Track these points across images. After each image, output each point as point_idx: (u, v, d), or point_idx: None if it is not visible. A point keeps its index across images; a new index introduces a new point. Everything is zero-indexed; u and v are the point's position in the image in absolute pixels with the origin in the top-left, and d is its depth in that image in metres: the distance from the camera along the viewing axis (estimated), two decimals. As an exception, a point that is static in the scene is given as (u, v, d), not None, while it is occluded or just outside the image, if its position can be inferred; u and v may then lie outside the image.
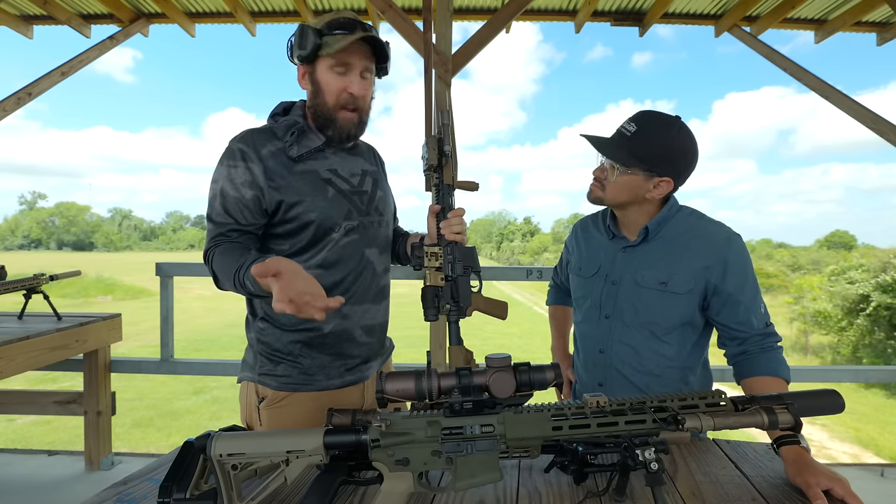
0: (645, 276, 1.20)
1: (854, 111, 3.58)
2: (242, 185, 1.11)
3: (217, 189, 1.13)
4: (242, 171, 1.11)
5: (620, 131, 1.18)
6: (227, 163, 1.13)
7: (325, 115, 1.17)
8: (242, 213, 1.11)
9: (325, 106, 1.16)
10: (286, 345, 1.18)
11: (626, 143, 1.16)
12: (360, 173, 1.25)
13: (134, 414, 6.86)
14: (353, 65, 1.15)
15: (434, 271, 1.05)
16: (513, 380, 0.75)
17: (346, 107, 1.16)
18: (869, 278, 14.68)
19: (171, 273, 2.92)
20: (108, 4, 3.63)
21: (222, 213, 1.12)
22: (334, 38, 1.11)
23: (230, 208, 1.11)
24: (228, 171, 1.12)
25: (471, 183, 1.14)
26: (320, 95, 1.16)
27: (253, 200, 1.11)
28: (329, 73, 1.15)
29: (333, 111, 1.16)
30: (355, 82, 1.16)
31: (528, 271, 2.84)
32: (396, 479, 0.76)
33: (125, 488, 0.92)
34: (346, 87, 1.15)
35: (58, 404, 2.81)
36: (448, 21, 2.78)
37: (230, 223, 1.11)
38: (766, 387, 1.08)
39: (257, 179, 1.11)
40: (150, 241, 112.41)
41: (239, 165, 1.12)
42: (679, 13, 3.79)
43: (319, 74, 1.16)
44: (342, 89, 1.15)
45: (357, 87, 1.16)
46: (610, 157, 1.18)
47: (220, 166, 1.13)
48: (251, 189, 1.11)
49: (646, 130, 1.14)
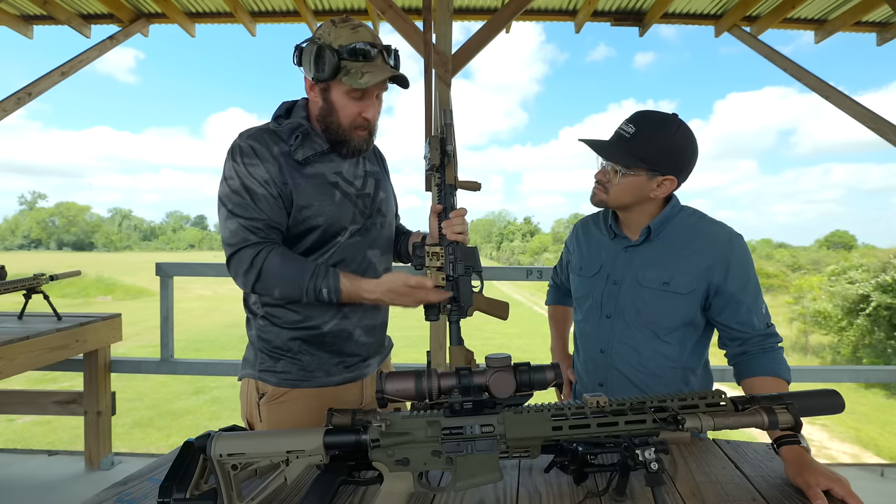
0: (647, 276, 1.20)
1: (854, 111, 3.58)
2: (265, 182, 1.10)
3: (238, 185, 1.10)
4: (262, 170, 1.10)
5: (619, 133, 1.17)
6: (243, 160, 1.10)
7: (338, 135, 1.16)
8: (272, 209, 1.11)
9: (339, 126, 1.15)
10: (286, 342, 1.18)
11: (626, 144, 1.15)
12: (363, 175, 1.25)
13: (134, 414, 6.86)
14: (370, 92, 1.13)
15: (435, 271, 1.05)
16: (513, 380, 0.75)
17: (360, 128, 1.16)
18: (869, 278, 14.67)
19: (171, 273, 2.92)
20: (108, 4, 3.63)
21: (255, 209, 1.09)
22: (356, 65, 1.08)
23: (260, 203, 1.10)
24: (247, 168, 1.10)
25: (473, 183, 1.13)
26: (334, 115, 1.14)
27: (277, 197, 1.11)
28: (345, 97, 1.12)
29: (348, 132, 1.15)
30: (371, 107, 1.15)
31: (528, 271, 2.84)
32: (396, 479, 0.76)
33: (125, 488, 0.92)
34: (361, 111, 1.14)
35: (58, 404, 2.81)
36: (448, 21, 2.78)
37: (263, 218, 1.10)
38: (767, 387, 1.08)
39: (275, 178, 1.11)
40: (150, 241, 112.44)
41: (256, 163, 1.10)
42: (679, 13, 3.79)
43: (335, 96, 1.13)
44: (358, 114, 1.14)
45: (373, 113, 1.16)
46: (610, 159, 1.17)
47: (235, 163, 1.11)
48: (273, 186, 1.10)
49: (644, 130, 1.14)
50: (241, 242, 1.09)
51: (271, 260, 1.08)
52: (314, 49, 1.07)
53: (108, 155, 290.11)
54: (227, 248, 1.12)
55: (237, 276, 1.11)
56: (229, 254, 1.11)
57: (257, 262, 1.08)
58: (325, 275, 1.09)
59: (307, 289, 1.08)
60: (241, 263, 1.09)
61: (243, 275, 1.10)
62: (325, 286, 1.08)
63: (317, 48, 1.07)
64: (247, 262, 1.08)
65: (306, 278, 1.08)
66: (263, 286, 1.10)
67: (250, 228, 1.09)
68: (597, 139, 1.21)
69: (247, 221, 1.09)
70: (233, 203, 1.10)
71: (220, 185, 1.14)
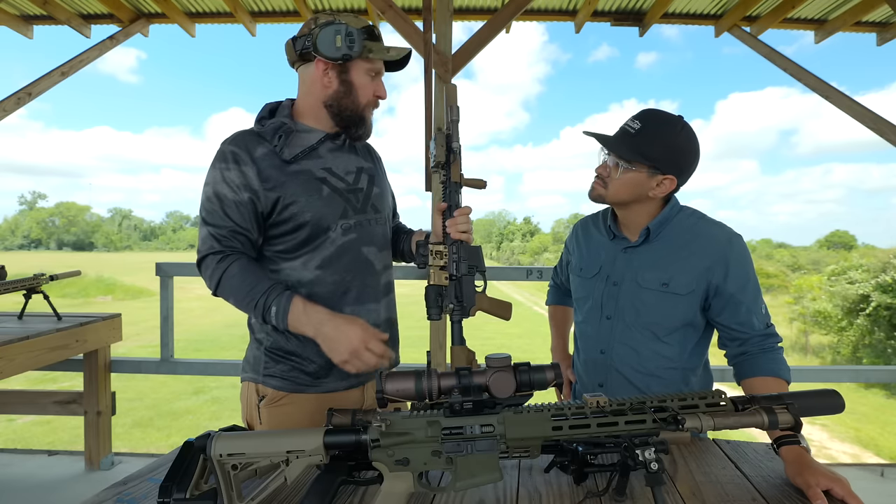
0: (646, 277, 1.20)
1: (853, 111, 3.58)
2: (238, 187, 1.11)
3: (211, 192, 1.12)
4: (236, 174, 1.11)
5: (625, 128, 1.18)
6: (219, 166, 1.13)
7: (355, 114, 1.21)
8: (241, 216, 1.12)
9: (356, 105, 1.20)
10: (290, 346, 1.18)
11: (630, 139, 1.16)
12: (355, 171, 1.25)
13: (134, 414, 6.87)
14: (381, 71, 1.23)
15: (438, 270, 1.05)
16: (513, 380, 0.75)
17: (371, 107, 1.23)
18: (869, 278, 14.66)
19: (171, 273, 2.92)
20: (108, 4, 3.63)
21: (221, 216, 1.11)
22: (376, 45, 1.17)
23: (229, 210, 1.11)
24: (222, 173, 1.12)
25: (478, 181, 1.12)
26: (352, 95, 1.19)
27: (249, 203, 1.11)
28: (365, 76, 1.19)
29: (364, 111, 1.22)
30: (383, 87, 1.24)
31: (528, 271, 2.84)
32: (396, 479, 0.76)
33: (125, 488, 0.92)
34: (376, 90, 1.22)
35: (58, 404, 2.81)
36: (448, 21, 2.79)
37: (229, 225, 1.11)
38: (767, 387, 1.08)
39: (251, 182, 1.11)
40: (150, 241, 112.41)
41: (232, 168, 1.12)
42: (679, 13, 3.79)
43: (354, 76, 1.18)
44: (372, 92, 1.21)
45: (384, 92, 1.24)
46: (614, 152, 1.18)
47: (213, 169, 1.14)
48: (246, 191, 1.11)
49: (650, 127, 1.15)
50: (207, 250, 1.13)
51: (231, 270, 1.09)
52: (341, 29, 1.13)
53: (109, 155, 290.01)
54: (197, 253, 1.16)
55: (205, 281, 1.15)
56: (198, 259, 1.15)
57: (217, 271, 1.10)
58: (278, 294, 1.07)
59: (257, 303, 1.07)
60: (205, 269, 1.13)
61: (207, 280, 1.13)
62: (275, 304, 1.06)
63: (344, 28, 1.13)
64: (209, 269, 1.11)
65: (259, 293, 1.07)
66: (222, 294, 1.12)
67: (216, 236, 1.12)
68: (602, 133, 1.21)
69: (214, 229, 1.12)
70: (206, 210, 1.14)
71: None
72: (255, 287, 1.08)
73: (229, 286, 1.09)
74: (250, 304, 1.08)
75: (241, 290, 1.09)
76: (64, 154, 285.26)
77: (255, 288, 1.08)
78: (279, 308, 1.06)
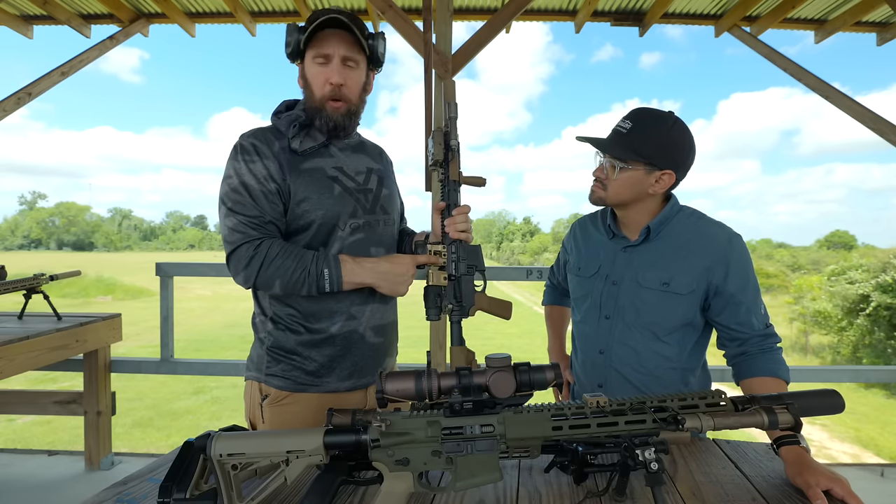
0: (646, 277, 1.20)
1: (854, 111, 3.58)
2: (265, 178, 1.11)
3: (237, 182, 1.12)
4: (261, 166, 1.12)
5: (616, 129, 1.18)
6: (243, 158, 1.13)
7: (314, 109, 1.18)
8: (271, 205, 1.12)
9: (313, 99, 1.18)
10: (294, 345, 1.18)
11: (623, 139, 1.16)
12: (366, 171, 1.25)
13: (134, 414, 6.86)
14: (331, 54, 1.15)
15: (437, 270, 1.05)
16: (513, 380, 0.75)
17: (332, 98, 1.17)
18: (869, 278, 14.66)
19: (171, 273, 2.92)
20: (108, 4, 3.63)
21: (251, 204, 1.10)
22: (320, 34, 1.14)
23: (258, 199, 1.11)
24: (247, 165, 1.12)
25: (477, 179, 1.12)
26: (309, 89, 1.19)
27: (276, 193, 1.12)
28: (313, 65, 1.17)
29: (321, 104, 1.17)
30: (335, 71, 1.15)
31: (528, 271, 2.84)
32: (396, 479, 0.76)
33: (125, 488, 0.92)
34: (328, 77, 1.16)
35: (58, 404, 2.81)
36: (448, 21, 2.79)
37: (259, 214, 1.11)
38: (766, 387, 1.08)
39: (274, 174, 1.12)
40: (150, 241, 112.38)
41: (256, 161, 1.12)
42: (679, 13, 3.79)
43: (307, 69, 1.18)
44: (325, 81, 1.16)
45: (336, 77, 1.15)
46: (608, 153, 1.19)
47: (236, 162, 1.13)
48: (272, 182, 1.12)
49: (640, 125, 1.15)
50: (240, 239, 1.09)
51: (272, 250, 1.08)
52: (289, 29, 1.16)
53: (110, 155, 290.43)
54: (226, 246, 1.12)
55: (237, 273, 1.11)
56: (229, 251, 1.11)
57: (259, 255, 1.08)
58: (325, 258, 1.11)
59: (310, 272, 1.09)
60: (240, 259, 1.09)
61: (244, 269, 1.09)
62: (326, 267, 1.10)
63: (287, 28, 1.16)
64: (247, 257, 1.08)
65: (308, 262, 1.09)
66: (264, 278, 1.09)
67: (249, 224, 1.10)
68: (595, 137, 1.22)
69: (245, 218, 1.10)
70: (232, 201, 1.11)
71: (220, 186, 1.14)
72: (302, 259, 1.09)
73: (274, 267, 1.08)
74: (301, 277, 1.09)
75: (289, 267, 1.08)
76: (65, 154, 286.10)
77: (302, 259, 1.09)
78: (331, 269, 1.09)
